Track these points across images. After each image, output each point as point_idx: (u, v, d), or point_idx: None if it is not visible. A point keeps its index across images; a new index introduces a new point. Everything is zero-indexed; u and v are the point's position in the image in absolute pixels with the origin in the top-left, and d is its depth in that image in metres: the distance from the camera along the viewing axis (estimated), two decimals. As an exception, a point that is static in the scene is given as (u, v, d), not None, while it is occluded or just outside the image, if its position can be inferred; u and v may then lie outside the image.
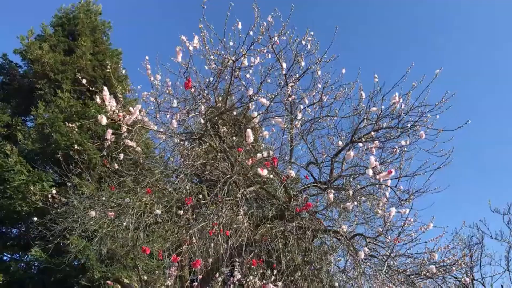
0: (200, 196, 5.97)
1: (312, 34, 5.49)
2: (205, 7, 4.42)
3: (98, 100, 4.08)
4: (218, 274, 5.68)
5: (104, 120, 3.91)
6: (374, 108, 5.45)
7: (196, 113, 5.32)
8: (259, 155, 4.85)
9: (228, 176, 4.65)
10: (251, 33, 4.79)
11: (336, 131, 5.85)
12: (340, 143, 5.62)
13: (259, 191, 5.44)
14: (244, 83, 5.31)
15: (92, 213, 5.72)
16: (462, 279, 5.52)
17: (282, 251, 5.38)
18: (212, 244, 4.94)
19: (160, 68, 5.67)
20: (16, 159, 9.56)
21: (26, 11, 26.13)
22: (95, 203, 6.19)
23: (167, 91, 5.65)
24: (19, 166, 9.47)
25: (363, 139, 5.45)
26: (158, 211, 5.43)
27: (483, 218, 12.48)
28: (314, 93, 5.71)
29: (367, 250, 4.65)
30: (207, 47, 4.91)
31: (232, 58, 4.76)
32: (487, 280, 11.89)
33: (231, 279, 6.15)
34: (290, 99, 5.47)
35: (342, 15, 32.05)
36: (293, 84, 5.46)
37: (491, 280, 11.90)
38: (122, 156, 5.43)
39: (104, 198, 6.18)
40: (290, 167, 5.50)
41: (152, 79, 5.40)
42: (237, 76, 5.01)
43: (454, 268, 5.16)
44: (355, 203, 5.14)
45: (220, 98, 5.86)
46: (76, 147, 7.30)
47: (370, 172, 4.33)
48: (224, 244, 4.61)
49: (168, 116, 5.60)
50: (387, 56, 32.01)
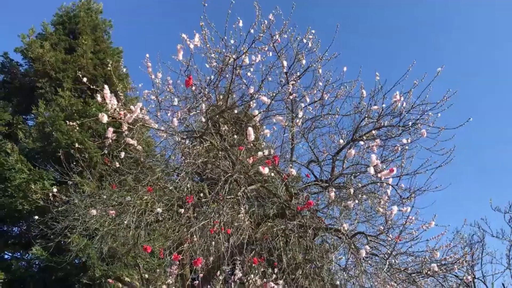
0: (201, 194, 5.97)
1: (313, 32, 5.47)
2: (206, 5, 4.41)
3: (99, 98, 4.08)
4: (219, 273, 5.68)
5: (105, 118, 3.90)
6: (375, 107, 5.44)
7: (197, 111, 5.30)
8: (260, 153, 4.83)
9: (229, 174, 4.64)
10: (252, 31, 4.79)
11: (337, 129, 5.85)
12: (341, 141, 5.61)
13: (260, 189, 5.44)
14: (245, 81, 5.30)
15: (93, 211, 5.72)
16: (464, 278, 5.50)
17: (283, 250, 5.37)
18: (213, 242, 4.94)
19: (161, 66, 5.67)
20: (17, 158, 9.56)
21: (27, 9, 26.15)
22: (96, 201, 6.19)
23: (168, 89, 5.64)
24: (20, 165, 9.47)
25: (364, 138, 5.44)
26: (159, 210, 5.43)
27: (484, 216, 12.46)
28: (315, 91, 5.70)
29: (369, 248, 4.64)
30: (208, 45, 4.90)
31: (233, 56, 4.74)
32: (488, 279, 11.88)
33: (232, 277, 6.16)
34: (291, 97, 5.45)
35: (342, 14, 32.05)
36: (294, 82, 5.44)
37: (492, 279, 11.89)
38: (123, 154, 5.43)
39: (105, 197, 6.18)
40: (291, 165, 5.49)
41: (153, 77, 5.39)
42: (238, 74, 5.00)
43: (455, 266, 5.15)
44: (356, 201, 5.13)
45: (221, 97, 5.85)
46: (77, 146, 7.30)
47: (372, 170, 4.31)
48: (225, 242, 4.61)
49: (169, 114, 5.60)
50: (387, 55, 32.00)
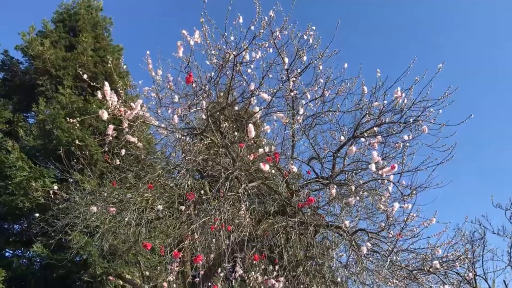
0: (202, 191, 5.96)
1: (313, 28, 5.45)
2: (206, 1, 4.39)
3: (99, 95, 4.06)
4: (220, 270, 5.67)
5: (105, 115, 3.88)
6: (376, 103, 5.42)
7: (198, 108, 5.29)
8: (260, 150, 4.82)
9: (230, 171, 4.63)
10: (252, 27, 4.77)
11: (338, 126, 5.83)
12: (342, 138, 5.59)
13: (261, 186, 5.42)
14: (245, 77, 5.28)
15: (94, 208, 5.71)
16: (465, 275, 5.49)
17: (284, 247, 5.36)
18: (213, 239, 4.93)
19: (161, 63, 5.65)
20: (17, 156, 9.56)
21: (27, 7, 26.11)
22: (96, 199, 6.20)
23: (169, 86, 5.63)
24: (20, 163, 9.47)
25: (365, 134, 5.42)
26: (160, 207, 5.43)
27: (485, 213, 12.46)
28: (316, 88, 5.68)
29: (370, 245, 4.63)
30: (208, 42, 4.88)
31: (234, 53, 4.73)
32: (489, 276, 11.89)
33: (233, 274, 6.15)
34: (292, 94, 5.43)
35: (342, 13, 31.99)
36: (294, 79, 5.42)
37: (493, 276, 11.90)
38: (123, 152, 5.42)
39: (105, 194, 6.18)
40: (292, 162, 5.48)
41: (153, 74, 5.37)
42: (238, 70, 4.98)
43: (457, 263, 5.14)
44: (357, 198, 5.11)
45: (222, 94, 5.84)
46: (77, 142, 7.31)
47: (373, 167, 4.30)
48: (226, 239, 4.60)
49: (169, 111, 5.58)
50: (388, 54, 31.91)
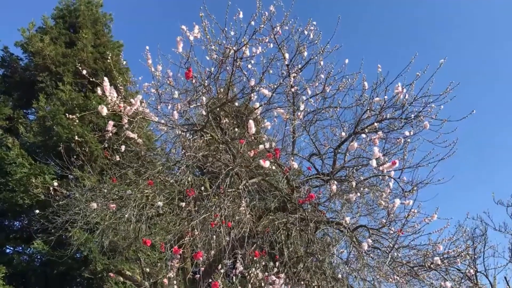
0: (202, 188, 5.94)
1: (314, 24, 5.41)
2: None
3: (99, 91, 4.04)
4: (220, 266, 5.66)
5: (104, 111, 3.85)
6: (377, 99, 5.38)
7: (198, 103, 5.26)
8: (261, 146, 4.80)
9: (230, 167, 4.61)
10: (252, 23, 4.73)
11: (339, 122, 5.79)
12: (343, 134, 5.56)
13: (261, 182, 5.40)
14: (245, 73, 5.25)
15: (94, 205, 5.70)
16: (467, 271, 5.47)
17: (285, 243, 5.35)
18: (214, 236, 4.92)
19: (161, 59, 5.62)
20: (17, 152, 9.56)
21: (27, 3, 26.02)
22: (96, 195, 6.18)
23: (168, 82, 5.59)
24: (20, 159, 9.47)
25: (366, 130, 5.38)
26: (160, 203, 5.41)
27: (486, 210, 12.43)
28: (317, 83, 5.64)
29: (371, 241, 4.61)
30: (208, 37, 4.85)
31: (234, 48, 4.70)
32: (490, 272, 11.88)
33: (234, 271, 6.14)
34: (293, 90, 5.40)
35: (343, 11, 31.82)
36: (295, 74, 5.39)
37: (494, 272, 11.89)
38: (123, 148, 5.40)
39: (105, 190, 6.16)
40: (292, 158, 5.45)
41: (152, 69, 5.34)
42: (238, 66, 4.95)
43: (458, 260, 5.12)
44: (358, 194, 5.09)
45: (222, 90, 5.81)
46: (76, 138, 7.30)
47: (374, 163, 4.28)
48: (226, 236, 4.58)
49: (169, 107, 5.55)
50: (388, 53, 31.77)
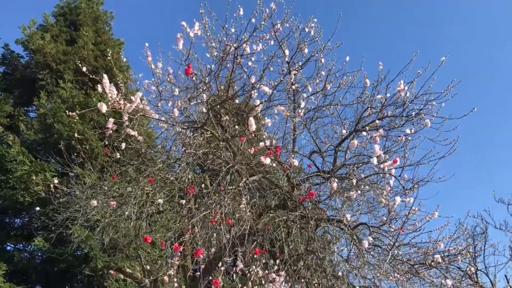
0: (203, 185, 5.93)
1: (315, 21, 5.39)
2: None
3: (99, 89, 4.03)
4: (220, 264, 5.66)
5: (104, 108, 3.85)
6: (378, 96, 5.37)
7: (198, 100, 5.25)
8: (261, 144, 4.79)
9: (231, 165, 4.60)
10: (253, 20, 4.71)
11: (339, 119, 5.78)
12: (343, 131, 5.54)
13: (262, 180, 5.39)
14: (246, 70, 5.23)
15: (94, 202, 5.69)
16: (468, 269, 5.46)
17: (285, 241, 5.34)
18: (214, 233, 4.91)
19: (161, 56, 5.60)
20: (18, 150, 9.56)
21: (28, 1, 26.01)
22: (97, 192, 6.17)
23: (169, 79, 5.58)
24: (21, 157, 9.47)
25: (367, 128, 5.37)
26: (160, 201, 5.40)
27: (487, 207, 12.40)
28: (318, 81, 5.62)
29: (371, 239, 4.60)
30: (208, 34, 4.83)
31: (234, 45, 4.68)
32: (490, 270, 11.86)
33: (234, 268, 6.14)
34: (293, 87, 5.39)
35: (343, 11, 31.64)
36: (296, 72, 5.37)
37: (494, 270, 11.87)
38: (124, 145, 5.39)
39: (106, 188, 6.15)
40: (293, 156, 5.44)
41: (152, 66, 5.32)
42: (239, 63, 4.93)
43: (459, 257, 5.11)
44: (359, 192, 5.08)
45: (222, 87, 5.80)
46: (76, 135, 7.30)
47: (375, 160, 4.27)
48: (227, 233, 4.57)
49: (169, 105, 5.54)
50: (388, 52, 31.72)
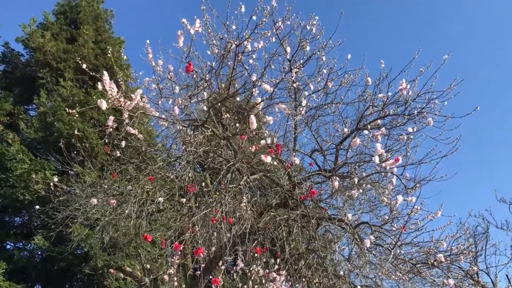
0: (203, 184, 5.90)
1: (317, 18, 5.36)
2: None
3: (100, 87, 4.00)
4: (221, 263, 5.63)
5: (104, 105, 3.81)
6: (380, 95, 5.34)
7: (199, 98, 5.22)
8: (262, 142, 4.76)
9: (232, 163, 4.57)
10: (254, 18, 4.68)
11: (341, 118, 5.75)
12: (345, 130, 5.51)
13: (263, 178, 5.36)
14: (247, 68, 5.20)
15: (94, 201, 5.67)
16: (471, 269, 5.43)
17: (286, 240, 5.31)
18: (215, 232, 4.88)
19: (161, 53, 5.57)
20: (18, 148, 9.54)
21: (28, -1, 25.93)
22: (97, 191, 6.15)
23: (169, 77, 5.55)
24: (21, 155, 9.45)
25: (369, 126, 5.34)
26: (161, 199, 5.37)
27: (489, 207, 12.36)
28: (319, 79, 5.59)
29: (373, 238, 4.57)
30: (209, 30, 4.80)
31: (235, 42, 4.65)
32: (491, 270, 11.82)
33: (234, 268, 6.11)
34: (295, 85, 5.35)
35: (345, 9, 31.45)
36: (297, 70, 5.34)
37: (495, 270, 11.83)
38: (124, 143, 5.37)
39: (106, 186, 6.13)
40: (294, 154, 5.41)
41: (153, 64, 5.29)
42: (240, 60, 4.90)
43: (462, 257, 5.08)
44: (360, 191, 5.04)
45: (223, 85, 5.76)
46: (76, 133, 7.28)
47: (377, 159, 4.24)
48: (227, 232, 4.54)
49: (170, 102, 5.51)
50: (390, 51, 31.67)
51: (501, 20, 29.38)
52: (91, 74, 4.67)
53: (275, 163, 4.99)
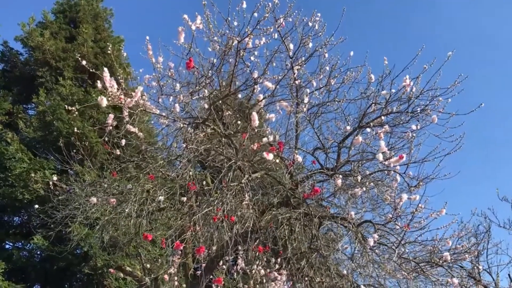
0: (204, 182, 5.85)
1: (319, 15, 5.30)
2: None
3: (99, 85, 3.94)
4: (222, 262, 5.57)
5: (104, 102, 3.75)
6: (383, 92, 5.27)
7: (200, 95, 5.16)
8: (264, 139, 4.70)
9: (233, 161, 4.52)
10: (255, 14, 4.63)
11: (343, 115, 5.68)
12: (348, 128, 5.45)
13: (264, 177, 5.31)
14: (248, 65, 5.14)
15: (94, 200, 5.62)
16: (475, 268, 5.38)
17: (288, 239, 5.26)
18: (216, 231, 4.83)
19: (162, 51, 5.51)
20: (17, 147, 9.49)
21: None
22: (97, 190, 6.10)
23: (170, 74, 5.49)
24: (20, 154, 9.40)
25: (372, 124, 5.28)
26: (161, 198, 5.32)
27: (491, 206, 12.30)
28: (321, 76, 5.53)
29: (377, 237, 4.51)
30: (210, 27, 4.74)
31: (237, 39, 4.59)
32: (493, 269, 11.77)
33: (235, 267, 6.06)
34: (297, 82, 5.30)
35: (347, 6, 31.51)
36: (299, 67, 5.28)
37: (497, 269, 11.78)
38: (124, 142, 5.31)
39: (106, 185, 6.08)
40: (296, 152, 5.35)
41: (153, 61, 5.23)
42: (241, 57, 4.84)
43: (466, 255, 5.03)
44: (363, 189, 4.99)
45: (224, 83, 5.71)
46: (76, 131, 7.23)
47: (380, 157, 4.18)
48: (229, 231, 4.49)
49: (170, 100, 5.45)
50: (392, 48, 31.59)
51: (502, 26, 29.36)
52: (90, 71, 4.61)
53: (277, 161, 4.94)
